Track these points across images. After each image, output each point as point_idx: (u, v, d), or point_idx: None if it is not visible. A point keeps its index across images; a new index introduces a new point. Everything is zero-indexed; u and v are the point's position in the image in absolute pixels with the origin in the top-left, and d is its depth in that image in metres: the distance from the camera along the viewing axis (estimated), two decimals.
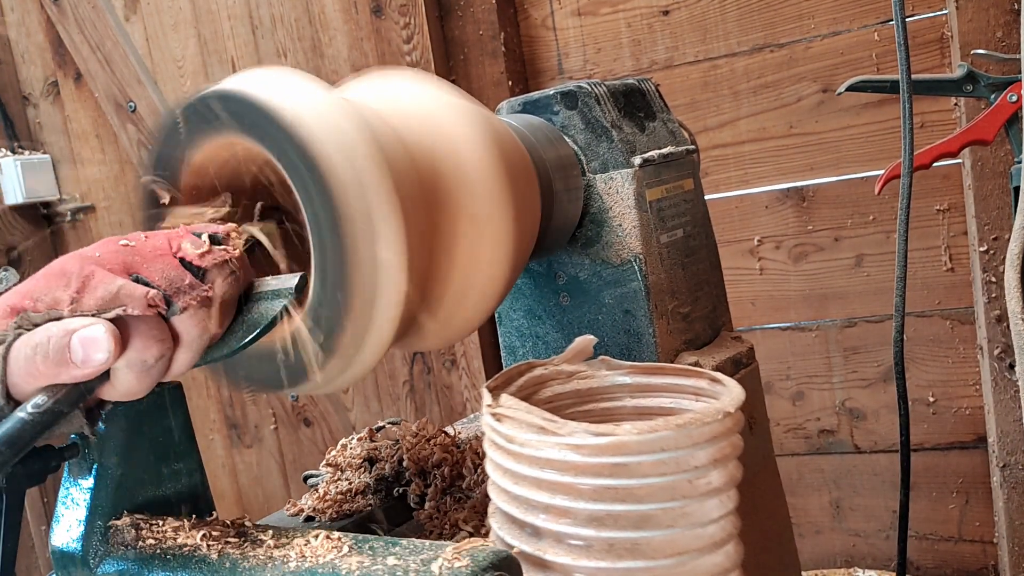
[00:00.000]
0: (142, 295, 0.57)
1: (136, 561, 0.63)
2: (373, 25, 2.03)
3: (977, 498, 1.82)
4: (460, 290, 0.76)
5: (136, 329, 0.57)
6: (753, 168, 1.89)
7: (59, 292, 0.57)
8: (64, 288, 0.58)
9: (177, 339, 0.59)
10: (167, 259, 0.61)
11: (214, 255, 0.61)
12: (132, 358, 0.57)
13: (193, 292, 0.59)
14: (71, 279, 0.58)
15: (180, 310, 0.58)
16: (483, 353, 2.04)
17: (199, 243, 0.62)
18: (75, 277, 0.58)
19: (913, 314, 1.79)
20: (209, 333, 0.60)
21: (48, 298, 0.57)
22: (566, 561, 0.59)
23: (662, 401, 0.71)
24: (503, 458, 0.62)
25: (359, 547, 0.58)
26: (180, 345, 0.59)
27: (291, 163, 0.65)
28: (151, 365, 0.58)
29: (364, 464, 0.91)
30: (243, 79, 0.70)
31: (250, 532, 0.63)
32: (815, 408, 1.92)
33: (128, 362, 0.57)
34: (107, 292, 0.57)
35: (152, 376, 0.59)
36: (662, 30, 1.92)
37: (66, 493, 0.67)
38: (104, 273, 0.58)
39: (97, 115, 2.40)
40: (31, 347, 0.56)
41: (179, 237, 0.63)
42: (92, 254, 0.60)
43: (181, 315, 0.58)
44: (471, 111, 0.78)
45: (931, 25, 1.73)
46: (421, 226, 0.70)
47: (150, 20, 2.28)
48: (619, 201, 0.92)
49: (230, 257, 0.62)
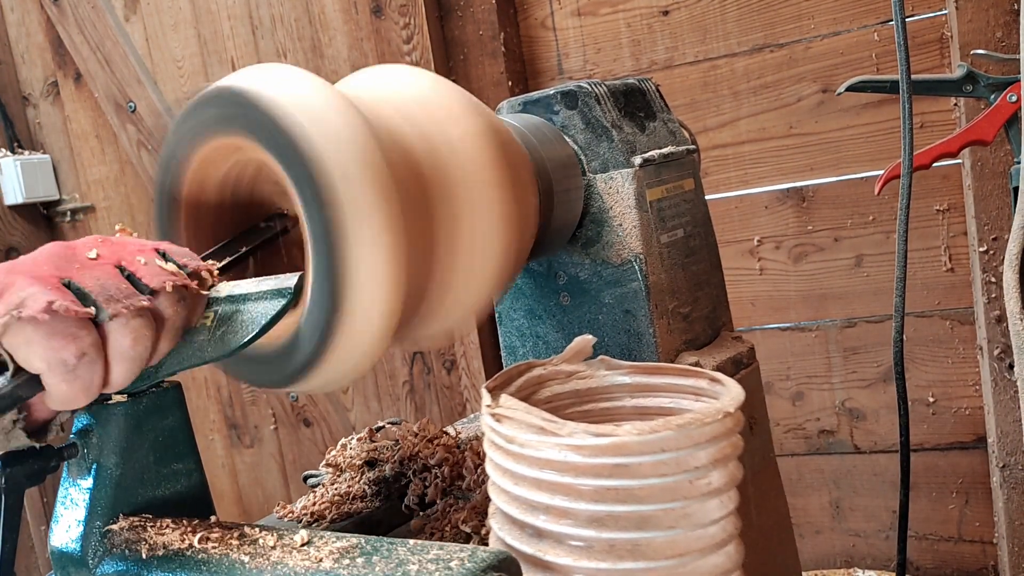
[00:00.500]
0: (44, 304, 0.56)
1: (135, 562, 0.62)
2: (373, 25, 2.03)
3: (977, 498, 1.82)
4: (459, 286, 0.76)
5: (54, 329, 0.57)
6: (753, 168, 1.89)
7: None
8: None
9: (107, 344, 0.59)
10: (106, 268, 0.61)
11: (163, 276, 0.62)
12: (50, 358, 0.57)
13: (126, 300, 0.59)
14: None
15: (109, 317, 0.58)
16: (483, 353, 2.04)
17: (155, 266, 0.62)
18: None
19: (913, 314, 1.79)
20: (144, 346, 0.60)
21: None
22: (566, 562, 0.59)
23: (662, 401, 0.71)
24: (503, 459, 0.62)
25: (359, 548, 0.58)
26: (111, 352, 0.59)
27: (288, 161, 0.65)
28: (73, 365, 0.57)
29: (364, 465, 0.91)
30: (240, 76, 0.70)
31: (250, 533, 0.63)
32: (815, 408, 1.92)
33: (48, 364, 0.57)
34: (17, 299, 0.57)
35: (80, 379, 0.58)
36: (662, 30, 1.92)
37: (65, 493, 0.66)
38: (25, 281, 0.58)
39: (97, 115, 2.40)
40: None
41: (141, 252, 0.63)
42: (27, 260, 0.61)
43: (112, 322, 0.58)
44: (469, 108, 0.78)
45: (931, 25, 1.73)
46: (419, 222, 0.70)
47: (150, 20, 2.27)
48: (619, 201, 0.92)
49: (181, 283, 0.62)
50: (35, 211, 2.48)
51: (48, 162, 2.47)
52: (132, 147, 2.36)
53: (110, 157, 2.42)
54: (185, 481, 0.69)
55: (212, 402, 2.40)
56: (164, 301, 0.61)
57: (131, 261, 0.62)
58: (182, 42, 2.25)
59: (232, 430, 2.40)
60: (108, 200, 2.45)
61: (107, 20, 2.29)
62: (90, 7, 2.30)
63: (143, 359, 0.60)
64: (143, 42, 2.29)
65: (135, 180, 2.40)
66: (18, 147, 2.47)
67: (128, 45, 2.29)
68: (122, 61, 2.30)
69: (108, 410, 0.66)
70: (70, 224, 2.50)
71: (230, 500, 2.43)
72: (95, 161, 2.44)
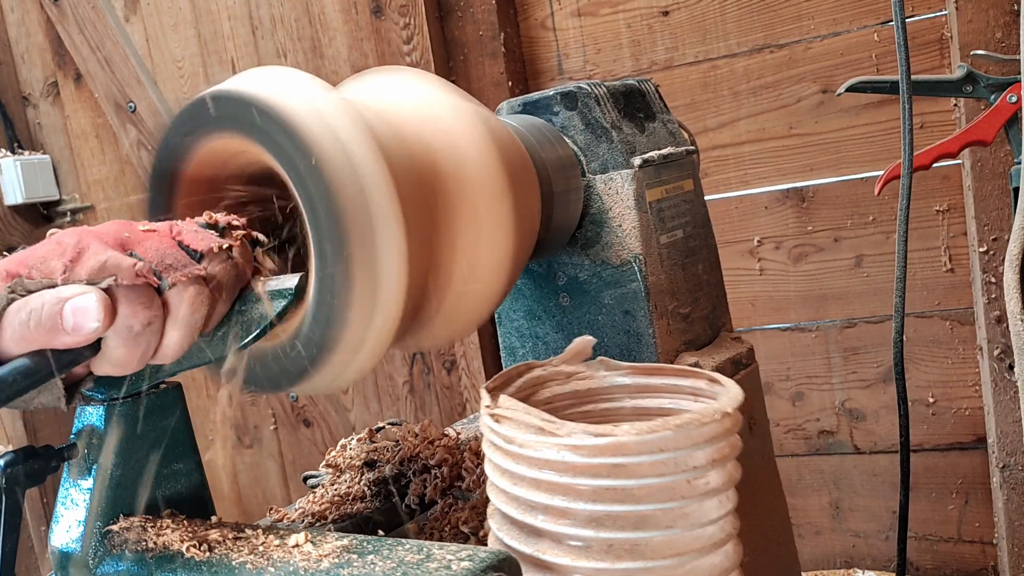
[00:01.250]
0: (129, 265, 0.58)
1: (135, 562, 0.63)
2: (373, 25, 2.03)
3: (977, 499, 1.82)
4: (461, 289, 0.76)
5: (124, 297, 0.58)
6: (753, 169, 1.89)
7: (54, 261, 0.59)
8: (59, 257, 0.59)
9: (167, 312, 0.60)
10: (163, 239, 0.62)
11: (210, 240, 0.63)
12: (119, 324, 0.58)
13: (184, 269, 0.60)
14: (66, 249, 0.59)
15: (170, 285, 0.60)
16: (483, 353, 2.04)
17: (197, 229, 0.64)
18: (70, 248, 0.59)
19: (913, 315, 1.80)
20: (201, 313, 0.61)
21: (43, 266, 0.59)
22: (565, 562, 0.59)
23: (661, 402, 0.71)
24: (502, 459, 0.62)
25: (359, 549, 0.58)
26: (170, 320, 0.60)
27: (290, 163, 0.65)
28: (138, 332, 0.58)
29: (364, 466, 0.91)
30: (242, 79, 0.70)
31: (250, 533, 0.63)
32: (815, 409, 1.92)
33: (115, 329, 0.58)
34: (97, 262, 0.58)
35: (140, 345, 0.59)
36: (662, 31, 1.92)
37: (65, 494, 0.67)
38: (98, 245, 0.60)
39: (97, 115, 2.40)
40: (26, 312, 0.57)
41: (180, 224, 0.65)
42: (92, 231, 0.62)
43: (171, 290, 0.60)
44: (470, 111, 0.78)
45: (931, 26, 1.73)
46: (421, 225, 0.70)
47: (150, 20, 2.28)
48: (619, 202, 0.92)
49: (226, 243, 0.64)
50: (35, 211, 2.48)
51: (48, 162, 2.47)
52: (132, 147, 2.36)
53: (110, 157, 2.42)
54: (185, 482, 0.69)
55: (212, 402, 2.41)
56: (213, 263, 0.62)
57: (179, 231, 0.64)
58: (182, 42, 2.25)
59: (232, 430, 2.40)
60: (108, 200, 2.45)
61: (107, 20, 2.29)
62: (90, 7, 2.30)
63: (199, 326, 0.62)
64: (143, 42, 2.30)
65: (135, 180, 2.40)
66: (18, 147, 2.47)
67: (128, 45, 2.30)
68: (122, 61, 2.30)
69: (109, 410, 0.66)
70: (70, 224, 2.50)
71: (230, 500, 2.43)
72: (95, 161, 2.44)
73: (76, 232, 0.61)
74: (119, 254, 0.59)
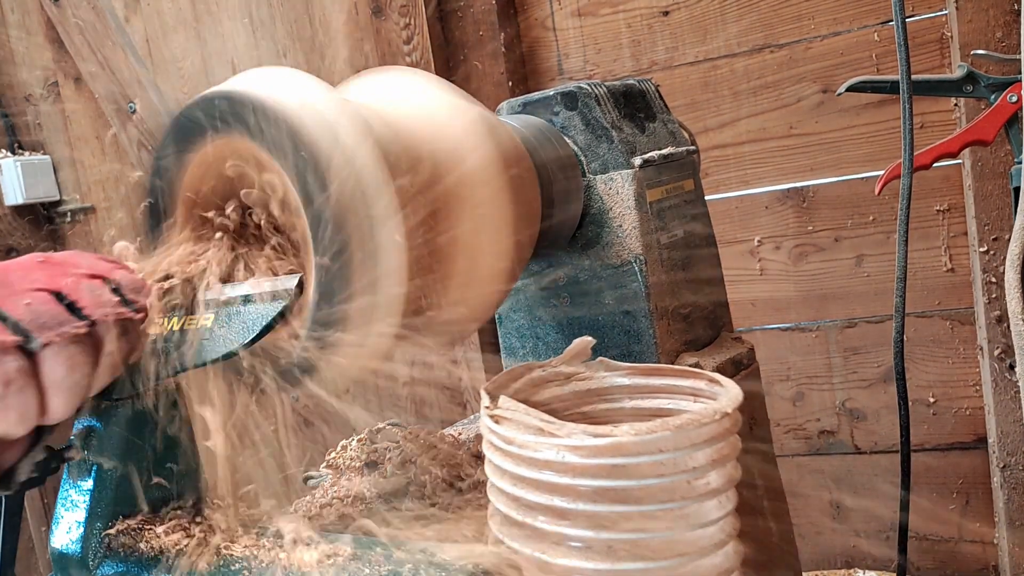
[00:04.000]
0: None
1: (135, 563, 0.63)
2: (373, 26, 2.03)
3: (977, 499, 1.82)
4: (461, 289, 0.76)
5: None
6: (753, 168, 1.89)
7: None
8: None
9: (38, 373, 0.55)
10: (39, 295, 0.57)
11: (106, 309, 0.59)
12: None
13: (60, 328, 0.56)
14: None
15: (41, 345, 0.55)
16: (483, 354, 2.04)
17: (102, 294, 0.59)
18: None
19: (913, 314, 1.79)
20: (81, 373, 0.57)
21: None
22: (565, 563, 0.59)
23: (660, 402, 0.71)
24: (502, 460, 0.62)
25: (359, 550, 0.58)
26: (47, 382, 0.56)
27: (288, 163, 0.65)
28: (1, 394, 0.54)
29: (364, 467, 0.91)
30: (242, 80, 0.70)
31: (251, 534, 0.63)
32: (815, 409, 1.92)
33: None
34: None
35: (13, 409, 0.55)
36: (662, 31, 1.92)
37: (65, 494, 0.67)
38: None
39: (97, 116, 2.40)
40: None
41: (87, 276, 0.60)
42: None
43: (44, 351, 0.55)
44: (470, 110, 0.78)
45: (931, 25, 1.73)
46: (421, 225, 0.70)
47: (150, 21, 2.28)
48: (619, 202, 0.92)
49: (126, 318, 0.59)
50: (35, 212, 2.48)
51: (48, 163, 2.47)
52: (132, 147, 2.36)
53: (110, 157, 2.42)
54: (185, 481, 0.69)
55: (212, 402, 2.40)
56: (106, 332, 0.58)
57: (74, 288, 0.59)
58: (182, 43, 2.25)
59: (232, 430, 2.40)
60: (108, 201, 2.45)
61: (107, 20, 2.29)
62: (90, 7, 2.30)
63: (82, 387, 0.58)
64: (143, 43, 2.29)
65: (135, 181, 2.40)
66: (18, 148, 2.47)
67: (128, 46, 2.29)
68: (122, 62, 2.30)
69: (108, 411, 0.66)
70: (70, 225, 2.50)
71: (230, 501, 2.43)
72: (95, 161, 2.44)
73: None
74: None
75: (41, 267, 0.60)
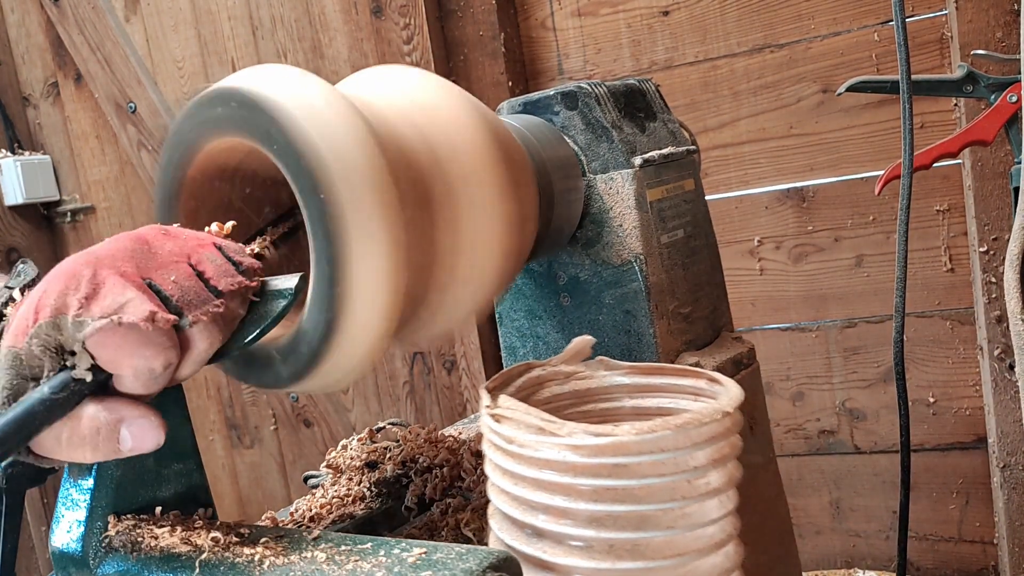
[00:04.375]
0: (147, 313, 0.56)
1: (136, 563, 0.62)
2: (373, 26, 2.03)
3: (977, 499, 1.82)
4: (459, 288, 0.76)
5: (148, 338, 0.56)
6: (753, 168, 1.89)
7: (69, 296, 0.56)
8: (74, 292, 0.56)
9: (186, 350, 0.59)
10: (183, 267, 0.60)
11: (230, 277, 0.61)
12: (139, 367, 0.56)
13: (205, 307, 0.59)
14: (81, 283, 0.57)
15: (191, 323, 0.58)
16: (483, 353, 2.04)
17: (221, 264, 0.62)
18: (85, 282, 0.57)
19: (913, 314, 1.79)
20: (215, 348, 0.60)
21: (57, 303, 0.56)
22: (566, 562, 0.59)
23: (661, 401, 0.71)
24: (502, 459, 0.62)
25: (359, 550, 0.58)
26: (187, 356, 0.59)
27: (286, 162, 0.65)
28: (158, 374, 0.57)
29: (364, 467, 0.91)
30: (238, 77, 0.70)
31: (251, 534, 0.63)
32: (815, 408, 1.92)
33: (135, 371, 0.56)
34: (115, 303, 0.56)
35: (158, 385, 0.58)
36: (662, 30, 1.92)
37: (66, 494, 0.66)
38: (116, 280, 0.57)
39: (97, 116, 2.40)
40: (79, 437, 0.57)
41: (203, 247, 0.62)
42: (106, 254, 0.59)
43: (192, 328, 0.58)
44: (470, 109, 0.78)
45: (931, 25, 1.73)
46: (419, 222, 0.70)
47: (150, 21, 2.28)
48: (619, 201, 0.92)
49: (247, 287, 0.62)
50: (35, 211, 2.48)
51: (48, 163, 2.47)
52: (132, 147, 2.36)
53: (110, 157, 2.42)
54: (185, 482, 0.69)
55: (212, 402, 2.41)
56: (232, 303, 0.61)
57: (200, 259, 0.61)
58: (182, 43, 2.25)
59: (232, 430, 2.40)
60: (108, 201, 2.45)
61: (107, 20, 2.29)
62: (90, 7, 2.30)
63: (205, 361, 0.61)
64: (143, 42, 2.30)
65: (135, 180, 2.40)
66: (18, 147, 2.47)
67: (128, 46, 2.30)
68: (122, 62, 2.30)
69: None
70: (70, 225, 2.50)
71: (230, 501, 2.43)
72: (95, 161, 2.44)
73: (92, 260, 0.58)
74: (139, 295, 0.56)
75: (167, 237, 0.62)
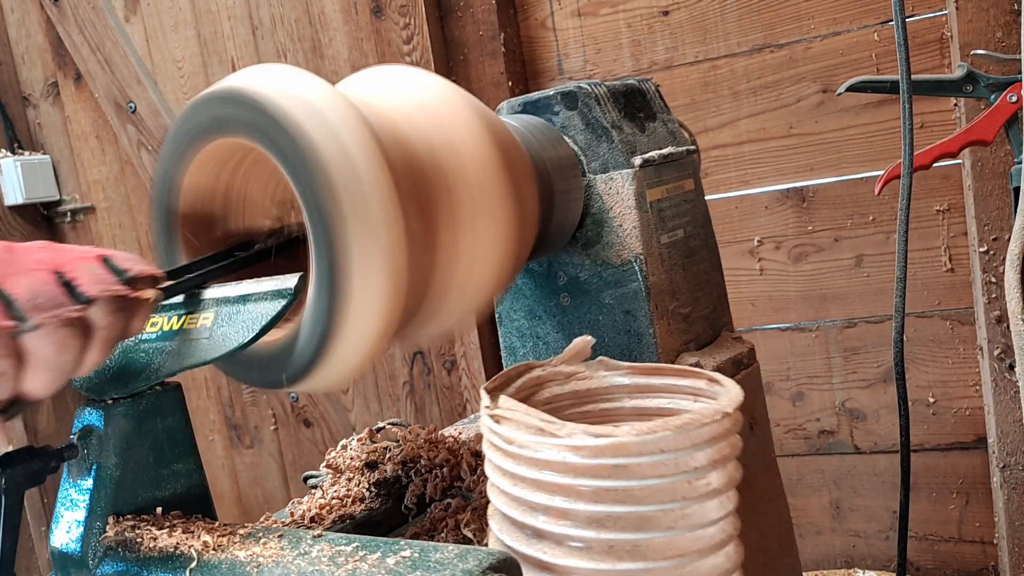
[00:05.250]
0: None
1: (135, 562, 0.62)
2: (373, 25, 2.03)
3: (977, 499, 1.82)
4: (459, 287, 0.76)
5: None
6: (753, 168, 1.89)
7: None
8: None
9: (27, 355, 0.55)
10: (40, 275, 0.57)
11: (104, 285, 0.58)
12: None
13: (54, 310, 0.56)
14: None
15: (34, 326, 0.55)
16: (483, 354, 2.04)
17: (99, 273, 0.59)
18: None
19: (913, 314, 1.79)
20: (70, 356, 0.57)
21: None
22: (566, 563, 0.59)
23: (661, 402, 0.71)
24: (502, 459, 0.62)
25: (359, 550, 0.58)
26: (31, 362, 0.56)
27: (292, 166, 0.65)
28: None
29: (364, 467, 0.91)
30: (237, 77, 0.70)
31: (251, 534, 0.63)
32: (815, 409, 1.92)
33: None
34: None
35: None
36: (662, 30, 1.92)
37: (65, 494, 0.67)
38: None
39: (97, 116, 2.40)
40: None
41: (83, 259, 0.60)
42: None
43: (35, 332, 0.55)
44: (470, 108, 0.78)
45: (931, 25, 1.73)
46: (419, 222, 0.70)
47: (150, 21, 2.27)
48: (619, 201, 0.92)
49: (125, 295, 0.59)
50: (35, 212, 2.48)
51: (48, 162, 2.47)
52: (132, 147, 2.36)
53: (110, 157, 2.42)
54: (185, 482, 0.69)
55: (212, 403, 2.40)
56: (100, 310, 0.58)
57: (73, 267, 0.59)
58: (182, 42, 2.25)
59: (232, 431, 2.40)
60: (108, 201, 2.45)
61: (107, 20, 2.29)
62: (90, 7, 2.30)
63: (67, 369, 0.57)
64: (143, 42, 2.29)
65: (135, 180, 2.40)
66: (18, 147, 2.47)
67: (128, 45, 2.29)
68: (122, 61, 2.30)
69: (108, 411, 0.66)
70: (70, 225, 2.50)
71: (230, 501, 2.43)
72: (95, 162, 2.44)
73: None
74: None
75: (44, 249, 0.60)
